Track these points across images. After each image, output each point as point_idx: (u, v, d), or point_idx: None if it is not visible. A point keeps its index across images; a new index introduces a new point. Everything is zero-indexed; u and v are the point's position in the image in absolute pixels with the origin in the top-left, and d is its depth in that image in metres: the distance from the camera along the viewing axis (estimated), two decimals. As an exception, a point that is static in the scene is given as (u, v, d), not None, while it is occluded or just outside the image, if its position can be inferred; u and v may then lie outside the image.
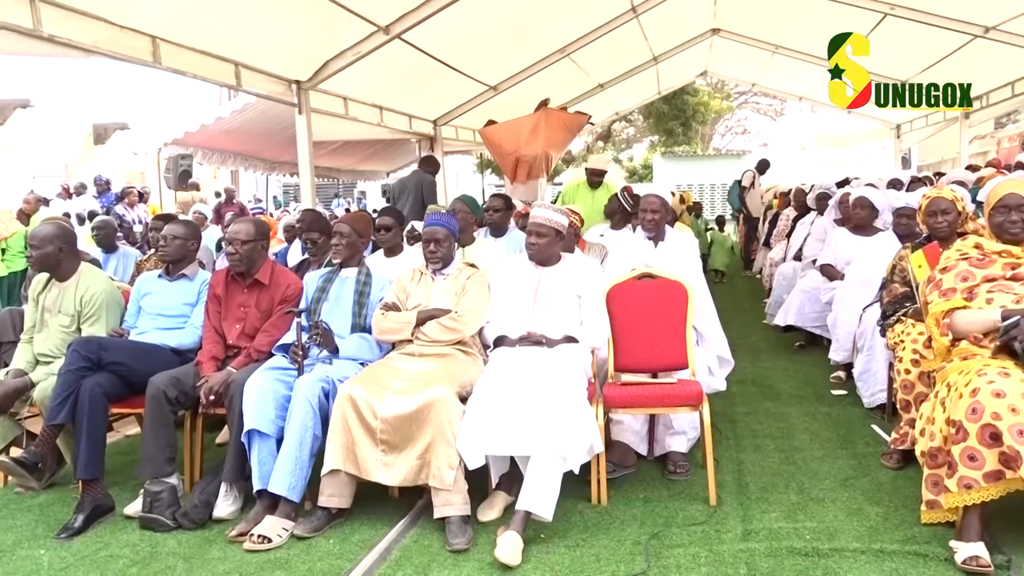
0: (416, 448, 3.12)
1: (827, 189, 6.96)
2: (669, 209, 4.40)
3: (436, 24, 6.81)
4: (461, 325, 3.51)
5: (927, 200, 3.92)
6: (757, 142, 28.97)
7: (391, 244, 4.48)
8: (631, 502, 3.34)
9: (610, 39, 9.48)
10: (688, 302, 3.70)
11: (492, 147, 10.11)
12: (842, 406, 4.60)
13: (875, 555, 2.76)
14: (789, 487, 3.43)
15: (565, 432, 3.01)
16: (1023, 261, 3.02)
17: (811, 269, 5.96)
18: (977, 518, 2.69)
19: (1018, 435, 2.55)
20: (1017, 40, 8.43)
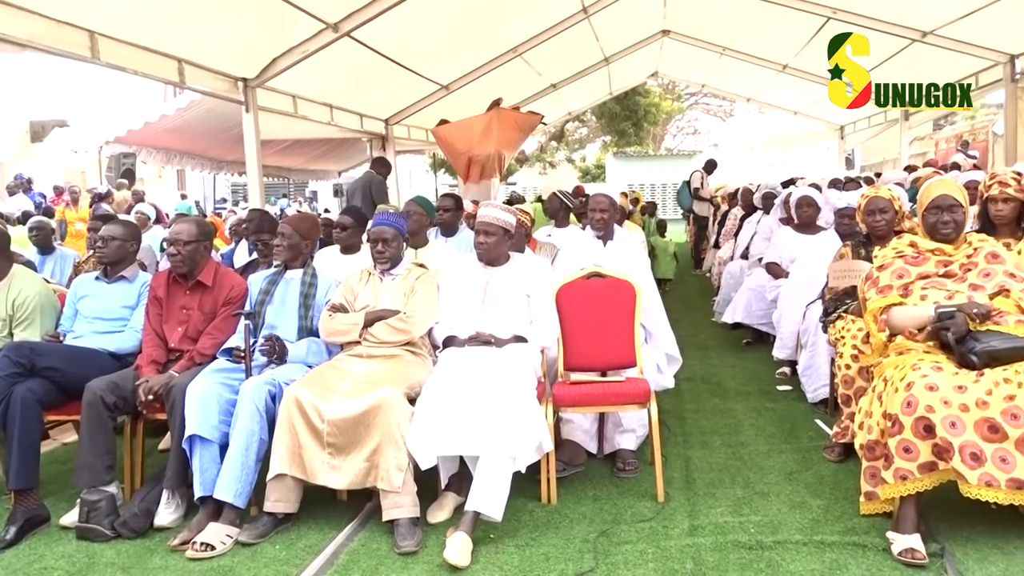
0: (364, 450, 3.08)
1: (772, 189, 7.11)
2: (618, 208, 4.44)
3: (386, 22, 6.76)
4: (410, 326, 3.49)
5: (865, 200, 4.04)
6: (708, 142, 29.51)
7: (349, 243, 4.42)
8: (581, 500, 3.36)
9: (562, 39, 9.54)
10: (636, 301, 3.73)
11: (445, 146, 10.09)
12: (787, 401, 4.70)
13: (816, 546, 2.83)
14: (735, 482, 3.49)
15: (514, 432, 3.01)
16: (955, 259, 3.13)
17: (757, 267, 6.08)
18: (913, 509, 2.77)
19: (950, 427, 2.64)
20: (952, 45, 8.73)
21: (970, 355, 2.78)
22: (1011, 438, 2.59)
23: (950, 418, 2.64)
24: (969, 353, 2.78)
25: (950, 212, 3.12)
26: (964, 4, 7.64)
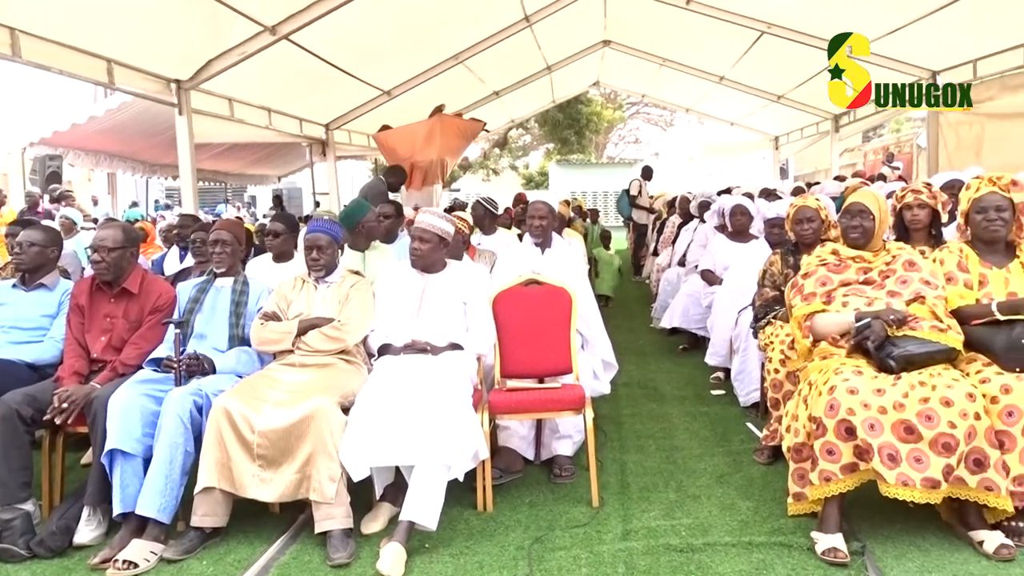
0: (296, 462, 3.02)
1: (708, 197, 7.27)
2: (556, 216, 4.47)
3: (326, 26, 6.68)
4: (344, 334, 3.44)
5: (794, 209, 4.16)
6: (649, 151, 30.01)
7: (281, 250, 4.34)
8: (516, 507, 3.36)
9: (504, 47, 9.58)
10: (572, 308, 3.76)
11: (387, 152, 10.01)
12: (720, 405, 4.80)
13: (744, 547, 2.89)
14: (668, 485, 3.54)
15: (449, 440, 2.99)
16: (874, 266, 3.25)
17: (694, 274, 6.20)
18: (836, 509, 2.86)
19: (869, 429, 2.73)
20: (880, 60, 9.07)
21: (888, 360, 2.89)
22: (925, 439, 2.69)
23: (869, 420, 2.74)
24: (887, 358, 2.89)
25: (859, 217, 3.25)
26: (889, 22, 7.96)
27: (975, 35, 7.62)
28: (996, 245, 3.19)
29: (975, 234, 3.22)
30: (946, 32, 7.60)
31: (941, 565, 2.69)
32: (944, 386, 2.77)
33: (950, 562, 2.71)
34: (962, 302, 3.08)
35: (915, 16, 7.49)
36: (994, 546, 2.72)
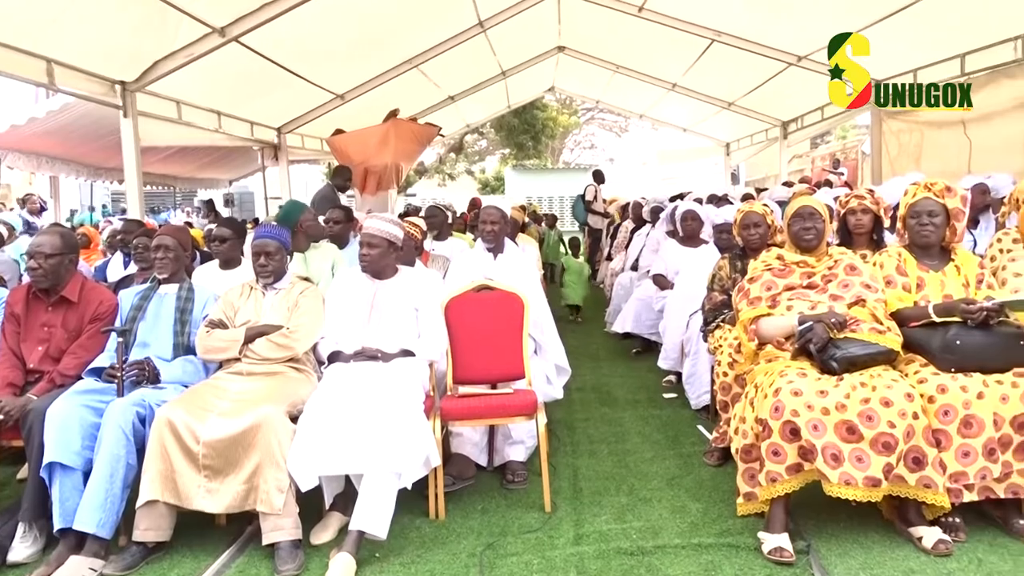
0: (243, 472, 2.96)
1: (660, 203, 7.36)
2: (509, 221, 4.48)
3: (277, 29, 6.59)
4: (293, 341, 3.39)
5: (741, 214, 4.24)
6: (604, 156, 30.27)
7: (228, 256, 4.25)
8: (469, 514, 3.35)
9: (459, 52, 9.57)
10: (524, 313, 3.77)
11: (340, 157, 9.91)
12: (672, 408, 4.86)
13: (694, 549, 2.93)
14: (620, 489, 3.57)
15: (398, 448, 2.97)
16: (817, 271, 3.33)
17: (646, 279, 6.27)
18: (782, 509, 2.92)
19: (813, 429, 2.79)
20: (823, 69, 9.30)
21: (830, 361, 2.96)
22: (866, 439, 2.77)
23: (813, 421, 2.80)
24: (830, 360, 2.96)
25: (811, 219, 3.34)
26: (832, 32, 8.17)
27: (916, 46, 7.87)
28: (931, 249, 3.29)
29: (911, 239, 3.32)
30: (889, 43, 7.83)
31: (882, 561, 2.76)
32: (884, 387, 2.85)
33: (891, 558, 2.78)
34: (900, 305, 3.17)
35: (857, 27, 7.69)
36: (932, 542, 2.80)
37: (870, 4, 7.17)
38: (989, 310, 2.93)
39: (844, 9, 7.48)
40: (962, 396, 2.84)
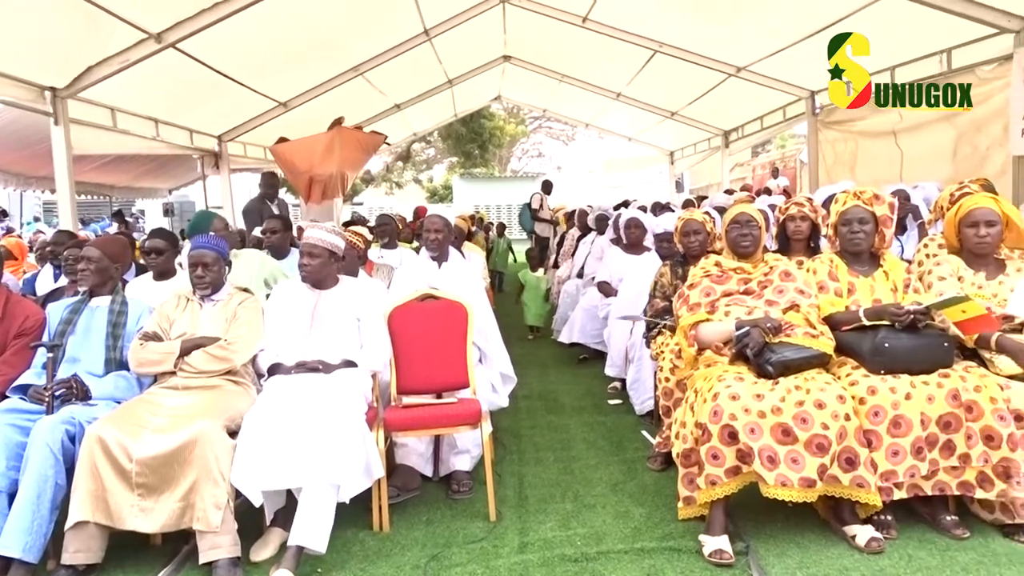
0: (178, 490, 2.88)
1: (605, 211, 7.45)
2: (453, 230, 4.47)
3: (216, 35, 6.47)
4: (231, 354, 3.31)
5: (681, 222, 4.32)
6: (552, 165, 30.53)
7: (163, 268, 4.14)
8: (414, 525, 3.32)
9: (404, 60, 9.54)
10: (468, 322, 3.76)
11: (284, 165, 9.76)
12: (617, 415, 4.91)
13: (637, 554, 2.96)
14: (565, 496, 3.58)
15: (337, 460, 2.92)
16: (753, 277, 3.41)
17: (591, 287, 6.33)
18: (722, 512, 2.97)
19: (750, 433, 2.85)
20: (763, 80, 9.58)
21: (766, 365, 3.03)
22: (800, 440, 2.84)
23: (750, 424, 2.86)
24: (765, 364, 3.04)
25: (748, 227, 3.43)
26: (770, 44, 8.42)
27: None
28: (862, 255, 3.40)
29: (843, 245, 3.43)
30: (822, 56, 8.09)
31: (818, 560, 2.83)
32: (817, 389, 2.93)
33: (826, 557, 2.85)
34: (833, 309, 3.27)
35: (793, 40, 7.94)
36: (865, 540, 2.89)
37: (803, 20, 7.40)
38: (915, 313, 3.04)
39: (780, 23, 7.70)
40: (891, 397, 2.94)
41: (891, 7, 6.33)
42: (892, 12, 6.41)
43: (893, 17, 6.52)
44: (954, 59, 7.02)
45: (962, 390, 2.92)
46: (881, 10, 6.48)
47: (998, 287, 3.31)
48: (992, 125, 6.54)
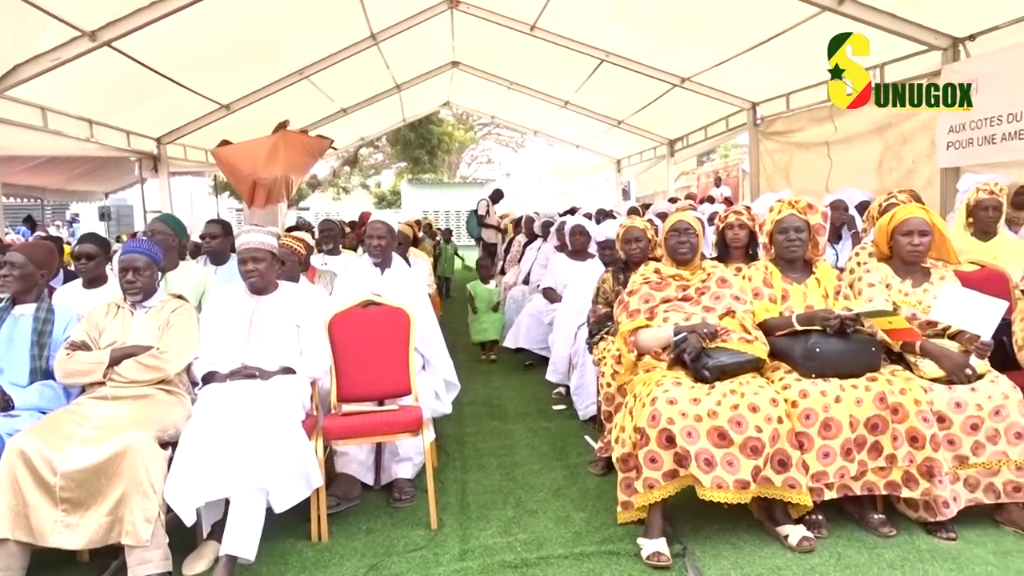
0: (106, 504, 2.78)
1: (550, 217, 7.50)
2: (396, 236, 4.44)
3: (154, 34, 6.32)
4: (164, 362, 3.22)
5: (623, 229, 4.38)
6: (501, 171, 30.62)
7: (94, 275, 3.99)
8: (353, 535, 3.28)
9: (351, 64, 9.47)
10: (410, 329, 3.73)
11: (227, 169, 9.56)
12: (561, 420, 4.93)
13: (576, 558, 2.97)
14: (507, 502, 3.58)
15: (267, 465, 2.86)
16: (691, 284, 3.48)
17: (537, 293, 6.36)
18: (659, 515, 3.01)
19: (687, 436, 2.90)
20: (706, 91, 9.80)
21: (703, 370, 3.09)
22: (736, 443, 2.90)
23: (687, 428, 2.91)
24: (702, 369, 3.09)
25: (686, 234, 3.50)
26: (713, 56, 8.61)
27: (788, 71, 8.39)
28: (796, 263, 3.49)
29: (779, 253, 3.52)
30: (763, 68, 8.33)
31: (752, 560, 2.89)
32: (752, 393, 3.00)
33: (759, 557, 2.92)
34: (767, 315, 3.35)
35: (734, 52, 8.14)
36: (797, 539, 2.96)
37: (744, 33, 7.59)
38: (845, 319, 3.13)
39: (722, 36, 7.89)
40: (822, 400, 3.02)
41: (827, 23, 6.53)
42: (828, 28, 6.61)
43: (829, 32, 6.73)
44: (886, 74, 7.29)
45: (888, 393, 3.02)
46: (817, 25, 6.68)
47: (923, 294, 3.44)
48: (919, 139, 6.81)
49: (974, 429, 3.03)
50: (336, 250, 5.67)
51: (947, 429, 3.04)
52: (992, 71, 5.60)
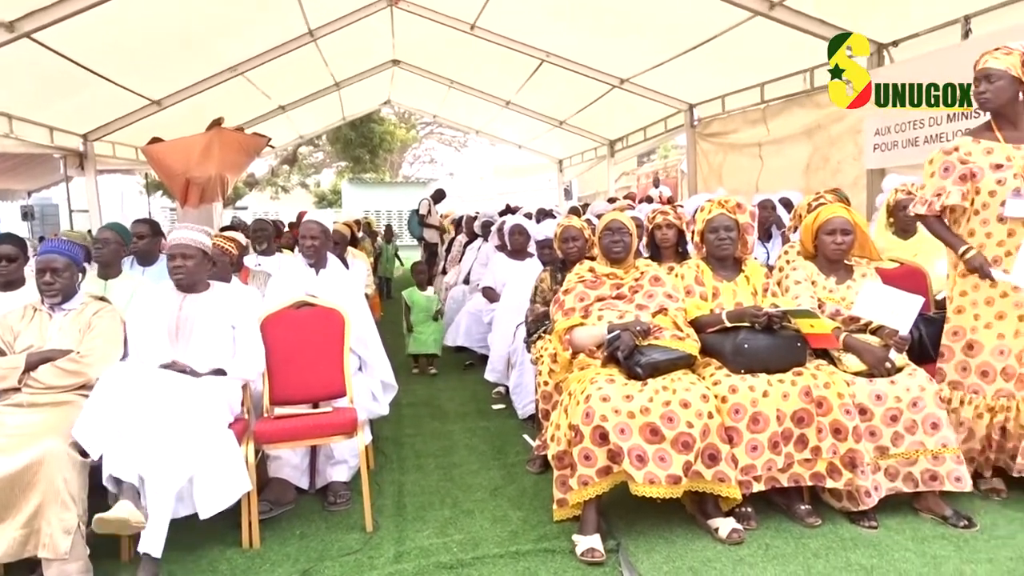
0: (21, 515, 2.67)
1: (489, 217, 7.51)
2: (331, 236, 4.38)
3: (79, 26, 6.08)
4: (84, 367, 3.10)
5: (560, 228, 4.41)
6: (444, 171, 30.51)
7: (13, 277, 3.81)
8: (286, 540, 3.21)
9: (288, 61, 9.29)
10: (345, 330, 3.68)
11: (158, 167, 9.30)
12: (500, 419, 4.94)
13: (512, 557, 2.98)
14: (444, 503, 3.56)
15: (181, 463, 2.80)
16: (625, 282, 3.52)
17: (477, 292, 6.35)
18: (594, 511, 3.03)
19: (620, 433, 2.93)
20: (645, 92, 9.94)
21: (636, 367, 3.13)
22: (667, 439, 2.94)
23: (620, 425, 2.94)
24: (635, 366, 3.13)
25: (619, 234, 3.55)
26: (651, 58, 8.75)
27: (723, 74, 8.58)
28: (726, 261, 3.57)
29: (709, 251, 3.59)
30: (700, 71, 8.50)
31: (683, 554, 2.94)
32: (683, 389, 3.05)
33: (691, 550, 2.97)
34: (698, 312, 3.42)
35: (672, 55, 8.28)
36: (727, 531, 3.03)
37: (680, 36, 7.72)
38: (772, 316, 3.22)
39: (659, 39, 8.02)
40: (750, 395, 3.10)
41: (759, 27, 6.71)
42: (760, 32, 6.80)
43: (761, 37, 6.92)
44: (816, 78, 7.52)
45: (813, 387, 3.12)
46: (750, 29, 6.85)
47: (847, 291, 3.56)
48: (846, 141, 7.05)
49: (893, 420, 3.15)
50: (270, 250, 5.56)
51: (868, 421, 3.15)
52: (914, 76, 5.84)
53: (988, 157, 3.21)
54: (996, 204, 3.19)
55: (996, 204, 3.19)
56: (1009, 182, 3.13)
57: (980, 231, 3.28)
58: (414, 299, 6.35)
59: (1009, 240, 3.23)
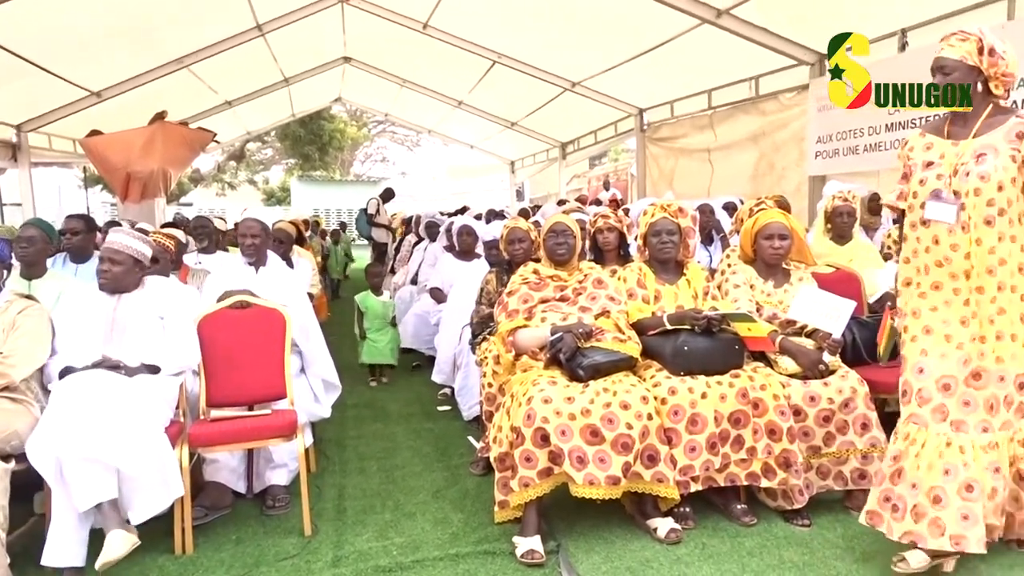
0: (-65, 522, 2.55)
1: (435, 218, 7.50)
2: (271, 234, 4.30)
3: (12, 14, 5.88)
4: (7, 367, 2.97)
5: (506, 230, 4.41)
6: (396, 170, 30.27)
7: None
8: (221, 546, 3.14)
9: (235, 55, 9.12)
10: (286, 330, 3.62)
11: (97, 160, 9.02)
12: (446, 421, 4.91)
13: (452, 559, 2.96)
14: (385, 506, 3.53)
15: (106, 451, 2.72)
16: (568, 284, 3.54)
17: (425, 293, 6.31)
18: (535, 513, 3.04)
19: (560, 435, 2.95)
20: (596, 96, 10.04)
21: (578, 369, 3.15)
22: (607, 440, 2.97)
23: (561, 427, 2.96)
24: (577, 368, 3.15)
25: (563, 236, 3.57)
26: (601, 62, 8.84)
27: (671, 80, 8.71)
28: (668, 264, 3.62)
29: (652, 255, 3.63)
30: (648, 76, 8.61)
31: (622, 554, 2.97)
32: (623, 391, 3.08)
33: (630, 550, 3.00)
34: (640, 315, 3.45)
35: (621, 59, 8.38)
36: (665, 531, 3.07)
37: (630, 41, 7.82)
38: (711, 319, 3.27)
39: (609, 43, 8.10)
40: (689, 397, 3.14)
41: (707, 35, 6.83)
42: (708, 39, 6.92)
43: (709, 44, 7.05)
44: (761, 86, 7.69)
45: (750, 389, 3.18)
46: (699, 36, 6.97)
47: (783, 294, 3.64)
48: (790, 148, 7.23)
49: (826, 421, 3.23)
50: (211, 248, 5.43)
51: (802, 422, 3.22)
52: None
53: (925, 154, 2.85)
54: (918, 206, 2.82)
55: (918, 206, 2.82)
56: (930, 182, 2.75)
57: (911, 235, 3.10)
58: (368, 304, 5.90)
59: (936, 248, 2.78)
